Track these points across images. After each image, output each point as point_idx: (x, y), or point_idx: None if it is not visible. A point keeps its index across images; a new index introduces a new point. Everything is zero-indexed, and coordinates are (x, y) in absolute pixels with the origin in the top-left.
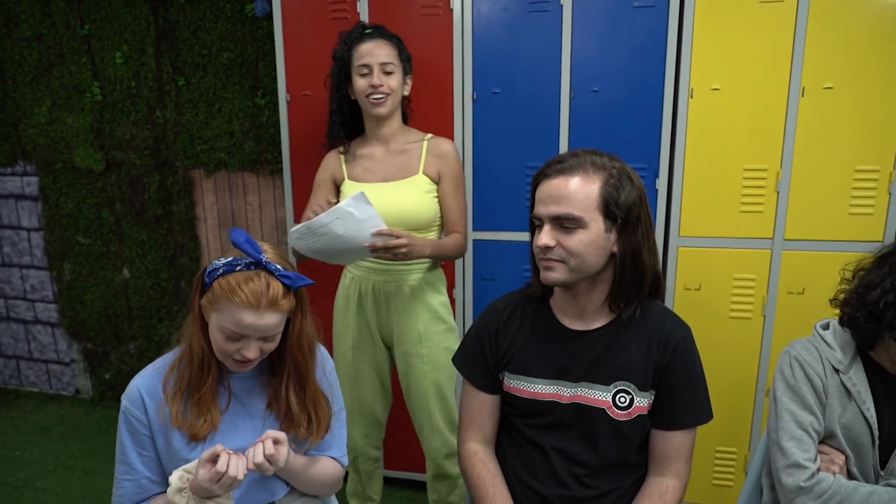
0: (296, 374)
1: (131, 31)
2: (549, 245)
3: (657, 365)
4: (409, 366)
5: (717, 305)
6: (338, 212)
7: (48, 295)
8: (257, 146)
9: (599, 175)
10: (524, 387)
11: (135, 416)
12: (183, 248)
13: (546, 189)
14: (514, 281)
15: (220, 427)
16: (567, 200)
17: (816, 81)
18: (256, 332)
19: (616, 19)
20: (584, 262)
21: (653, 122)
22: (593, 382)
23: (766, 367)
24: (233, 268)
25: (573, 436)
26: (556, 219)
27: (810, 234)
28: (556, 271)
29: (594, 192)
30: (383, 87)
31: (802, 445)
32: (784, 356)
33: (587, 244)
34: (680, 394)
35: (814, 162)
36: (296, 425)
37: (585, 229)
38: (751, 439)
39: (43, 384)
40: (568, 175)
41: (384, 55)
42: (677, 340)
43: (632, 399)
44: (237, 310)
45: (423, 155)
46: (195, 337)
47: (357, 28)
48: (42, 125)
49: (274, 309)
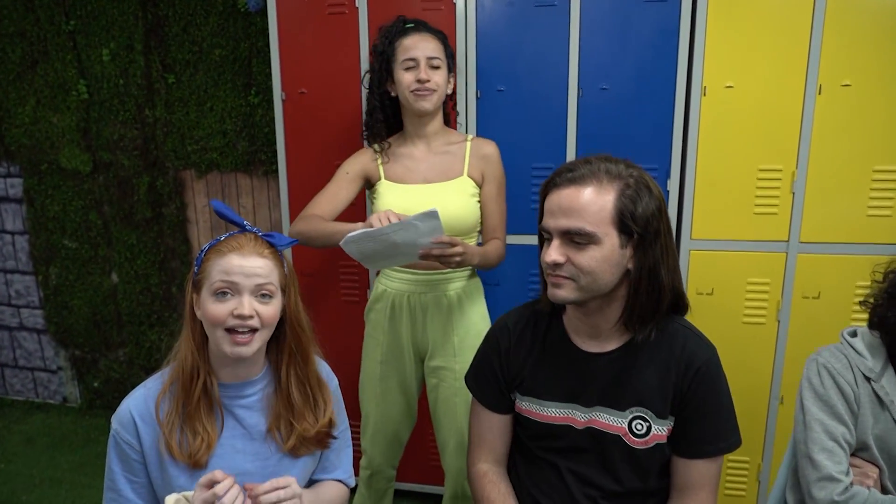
0: (297, 351)
1: (119, 27)
2: (558, 261)
3: (677, 390)
4: (440, 379)
5: (730, 310)
6: (402, 223)
7: (34, 300)
8: (251, 146)
9: (614, 185)
10: (537, 409)
11: (126, 441)
12: (174, 251)
13: (556, 200)
14: (519, 286)
15: (218, 450)
16: (578, 214)
17: (834, 78)
18: (245, 276)
19: (626, 14)
20: (595, 280)
21: (664, 121)
22: (608, 407)
23: (779, 374)
24: (216, 241)
25: (589, 460)
26: (566, 233)
27: (826, 236)
28: (565, 289)
29: (608, 204)
30: (430, 82)
31: (834, 457)
32: (811, 364)
33: (599, 261)
34: (704, 421)
35: (830, 162)
36: (298, 416)
37: (598, 245)
38: (764, 448)
39: (29, 392)
40: (579, 185)
41: (431, 49)
42: (699, 364)
43: (649, 427)
44: (223, 258)
45: (467, 156)
46: (185, 343)
47: (398, 22)
48: (26, 125)
49: (259, 253)
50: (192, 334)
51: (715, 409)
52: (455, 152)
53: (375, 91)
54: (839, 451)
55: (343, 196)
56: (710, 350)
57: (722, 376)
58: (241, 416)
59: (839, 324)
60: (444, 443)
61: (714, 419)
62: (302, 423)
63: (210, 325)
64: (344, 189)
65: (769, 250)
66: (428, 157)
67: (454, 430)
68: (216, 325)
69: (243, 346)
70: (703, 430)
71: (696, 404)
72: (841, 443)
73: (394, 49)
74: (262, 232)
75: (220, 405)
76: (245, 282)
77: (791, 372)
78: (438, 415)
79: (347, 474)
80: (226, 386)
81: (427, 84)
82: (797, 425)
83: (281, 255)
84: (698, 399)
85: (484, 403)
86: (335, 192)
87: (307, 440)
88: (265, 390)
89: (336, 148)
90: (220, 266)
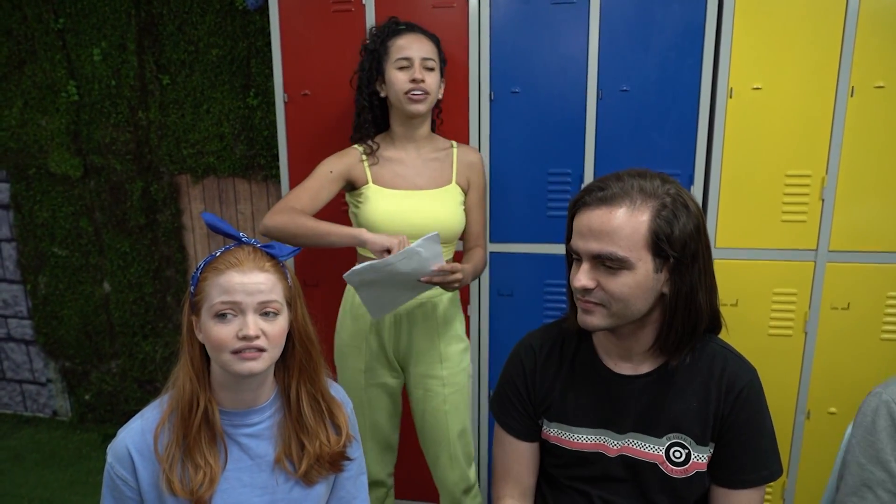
0: (308, 367)
1: (111, 26)
2: (588, 287)
3: (718, 415)
4: (426, 389)
5: (756, 322)
6: (406, 252)
7: (22, 310)
8: (249, 150)
9: (649, 205)
10: (566, 437)
11: (121, 477)
12: (169, 259)
13: (586, 221)
14: (534, 297)
15: (223, 484)
16: (610, 237)
17: (867, 80)
18: (248, 293)
19: (649, 11)
20: (627, 307)
21: (688, 125)
22: (643, 434)
23: (806, 388)
24: (212, 257)
25: (622, 490)
26: (596, 257)
27: (857, 244)
28: (596, 316)
29: (642, 227)
30: (424, 83)
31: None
32: (872, 398)
33: (633, 287)
34: (745, 447)
35: (862, 167)
36: (312, 436)
37: (631, 271)
38: (789, 465)
39: (17, 406)
40: (611, 206)
41: (426, 50)
42: (741, 386)
43: (688, 454)
44: (221, 277)
45: (454, 163)
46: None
47: (390, 22)
48: (13, 127)
49: (260, 267)
50: (190, 360)
51: (757, 435)
52: (443, 159)
53: (364, 91)
54: (872, 499)
55: (324, 196)
56: (752, 372)
57: (763, 399)
58: (247, 445)
59: (869, 336)
60: (435, 457)
61: (756, 446)
62: (315, 442)
63: (214, 349)
64: (326, 188)
65: (797, 259)
66: (417, 164)
67: (444, 441)
68: (221, 349)
69: (252, 360)
70: (744, 457)
71: (737, 430)
72: (877, 491)
73: (386, 48)
74: (260, 243)
75: (222, 435)
76: (247, 300)
77: (818, 386)
78: (427, 427)
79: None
80: (230, 413)
81: (421, 85)
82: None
83: (283, 267)
84: (740, 424)
85: (509, 431)
86: (317, 190)
87: (321, 461)
88: (274, 417)
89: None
90: (219, 285)
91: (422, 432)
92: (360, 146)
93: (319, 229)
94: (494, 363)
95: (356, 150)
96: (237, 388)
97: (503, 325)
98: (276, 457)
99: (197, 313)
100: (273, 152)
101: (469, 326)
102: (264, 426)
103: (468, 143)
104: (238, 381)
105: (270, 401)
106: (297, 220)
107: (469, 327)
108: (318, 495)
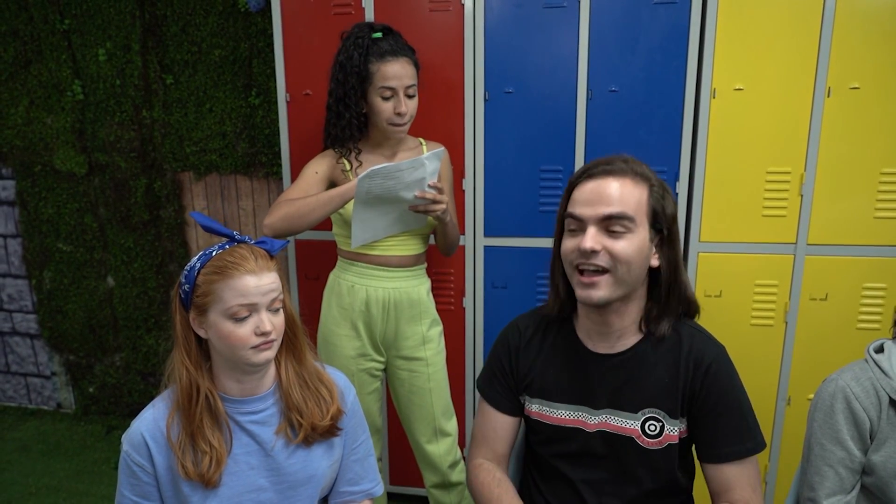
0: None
1: (115, 27)
2: (595, 249)
3: (688, 390)
4: (411, 370)
5: (739, 312)
6: (414, 161)
7: (27, 305)
8: (251, 148)
9: (644, 184)
10: (546, 412)
11: (137, 464)
12: (171, 255)
13: (593, 188)
14: (527, 289)
15: (232, 467)
16: (620, 200)
17: (843, 81)
18: (262, 294)
19: (636, 16)
20: (630, 271)
21: (673, 123)
22: (620, 409)
23: (787, 375)
24: (209, 256)
25: (602, 467)
26: (604, 220)
27: (834, 238)
28: (602, 288)
29: (644, 197)
30: (407, 113)
31: (825, 481)
32: (828, 384)
33: (636, 250)
34: (723, 421)
35: (838, 164)
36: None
37: (634, 233)
38: (771, 449)
39: (22, 398)
40: (617, 176)
41: (409, 76)
42: (709, 362)
43: (662, 427)
44: (236, 281)
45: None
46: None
47: (364, 31)
48: (19, 126)
49: (268, 268)
50: (186, 352)
51: (730, 408)
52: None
53: (352, 108)
54: (832, 475)
55: (313, 193)
56: (718, 348)
57: (734, 374)
58: (254, 432)
59: (846, 325)
60: (419, 435)
61: (733, 419)
62: (308, 417)
63: (232, 347)
64: (314, 187)
65: (777, 252)
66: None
67: (430, 417)
68: (241, 347)
69: (268, 350)
70: (725, 430)
71: (711, 404)
72: (837, 469)
73: (369, 72)
74: (252, 239)
75: (225, 420)
76: (262, 300)
77: (798, 373)
78: (413, 407)
79: (375, 482)
80: (236, 402)
81: (405, 116)
82: (804, 441)
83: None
84: (713, 399)
85: (491, 403)
86: (306, 189)
87: (315, 432)
88: (278, 405)
89: None
90: (234, 289)
91: (408, 412)
92: (337, 150)
93: (320, 199)
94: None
95: (332, 155)
96: (244, 377)
97: (498, 316)
98: (276, 430)
99: (200, 312)
100: (274, 150)
101: (465, 318)
102: (269, 413)
103: (463, 141)
104: (244, 371)
105: (272, 389)
106: (294, 203)
107: (465, 318)
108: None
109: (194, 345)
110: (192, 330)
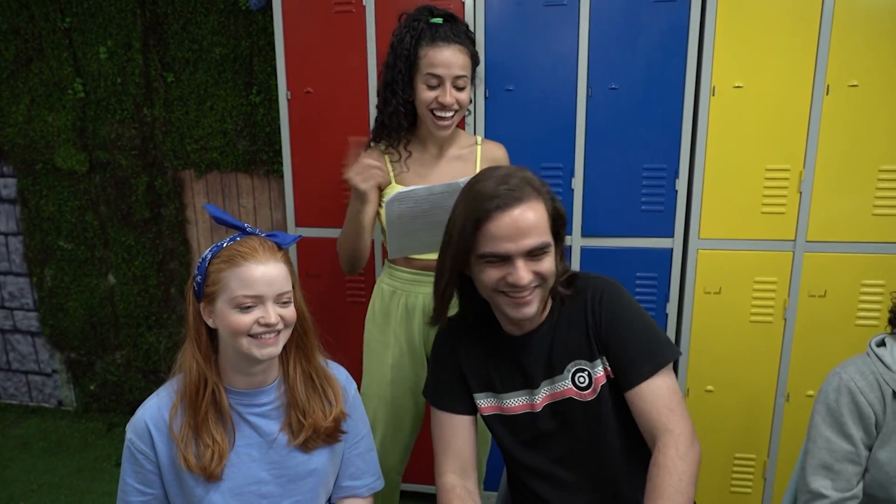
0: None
1: (116, 25)
2: (531, 280)
3: (593, 329)
4: None
5: (738, 309)
6: (451, 186)
7: (28, 303)
8: (252, 146)
9: (540, 197)
10: (497, 404)
11: (141, 451)
12: (172, 252)
13: (510, 223)
14: None
15: (234, 459)
16: (536, 230)
17: (841, 79)
18: (268, 284)
19: (636, 13)
20: (552, 280)
21: (673, 121)
22: (552, 378)
23: (786, 372)
24: (220, 248)
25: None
26: (529, 252)
27: (833, 235)
28: (534, 303)
29: (546, 213)
30: (454, 104)
31: (830, 475)
32: (833, 378)
33: (554, 262)
34: (628, 343)
35: (837, 162)
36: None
37: (551, 249)
38: (770, 445)
39: (23, 396)
40: (523, 202)
41: (459, 67)
42: (598, 295)
43: (589, 374)
44: (242, 270)
45: (478, 161)
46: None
47: (423, 14)
48: (20, 124)
49: (275, 258)
50: (197, 344)
51: (632, 327)
52: (467, 157)
53: (399, 95)
54: (837, 468)
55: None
56: (603, 280)
57: (626, 298)
58: (257, 424)
59: (845, 322)
60: None
61: (637, 338)
62: (311, 417)
63: (233, 334)
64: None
65: (776, 249)
66: (440, 163)
67: None
68: (240, 333)
69: (271, 346)
70: (632, 352)
71: (612, 331)
72: (842, 462)
73: (417, 56)
74: (264, 233)
75: (229, 414)
76: (268, 291)
77: (798, 370)
78: None
79: (376, 476)
80: (241, 394)
81: (452, 106)
82: (806, 435)
83: (281, 241)
84: (612, 325)
85: (444, 408)
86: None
87: (318, 433)
88: (281, 399)
89: (344, 148)
90: (240, 278)
91: None
92: (382, 145)
93: (346, 227)
94: None
95: (376, 150)
96: (249, 370)
97: None
98: (280, 427)
99: (210, 301)
100: (275, 148)
101: None
102: (272, 406)
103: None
104: (250, 364)
105: (277, 383)
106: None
107: None
108: (320, 467)
109: (205, 337)
110: (204, 322)
